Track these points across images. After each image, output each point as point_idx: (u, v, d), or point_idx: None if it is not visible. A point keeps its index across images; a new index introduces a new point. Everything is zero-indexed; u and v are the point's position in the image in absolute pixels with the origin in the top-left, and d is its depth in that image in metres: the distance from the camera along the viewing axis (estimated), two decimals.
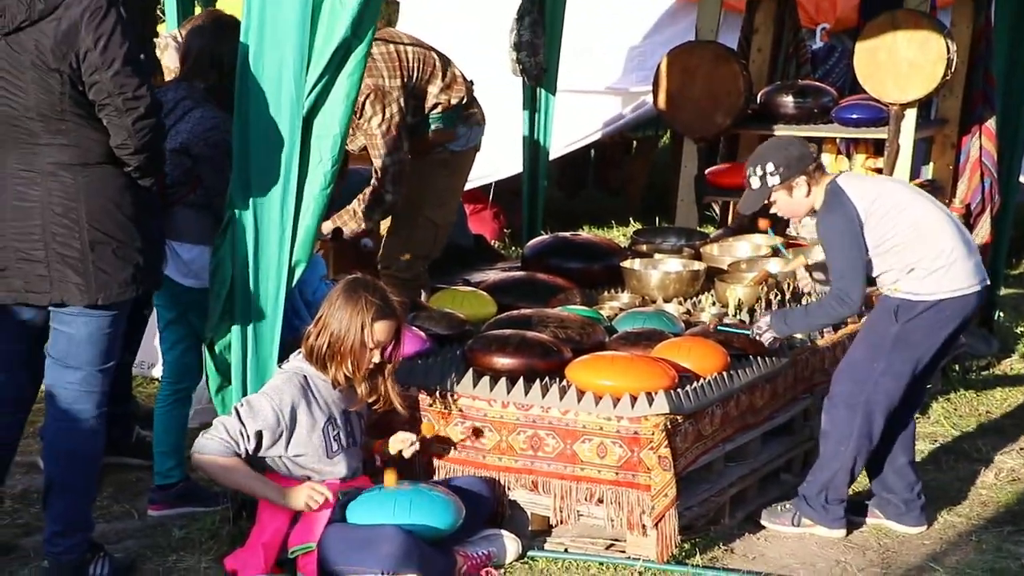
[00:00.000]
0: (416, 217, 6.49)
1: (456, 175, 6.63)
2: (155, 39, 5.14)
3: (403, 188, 6.20)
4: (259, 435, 4.51)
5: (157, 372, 5.60)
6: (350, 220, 6.19)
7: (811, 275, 5.67)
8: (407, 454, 4.83)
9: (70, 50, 4.09)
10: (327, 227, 6.05)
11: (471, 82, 6.50)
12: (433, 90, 6.27)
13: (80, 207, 4.23)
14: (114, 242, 4.27)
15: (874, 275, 5.00)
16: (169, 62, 5.76)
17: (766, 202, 5.11)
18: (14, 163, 4.22)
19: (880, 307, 5.05)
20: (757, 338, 5.25)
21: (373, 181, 6.16)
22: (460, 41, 8.22)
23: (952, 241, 4.92)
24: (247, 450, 4.50)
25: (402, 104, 6.11)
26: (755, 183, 5.06)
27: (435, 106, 6.30)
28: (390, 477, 4.65)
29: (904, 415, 5.12)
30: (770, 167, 5.00)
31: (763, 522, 5.16)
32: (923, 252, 4.89)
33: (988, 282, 5.04)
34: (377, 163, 6.13)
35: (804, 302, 5.95)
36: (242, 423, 4.50)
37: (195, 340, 5.20)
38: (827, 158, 7.81)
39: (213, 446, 4.49)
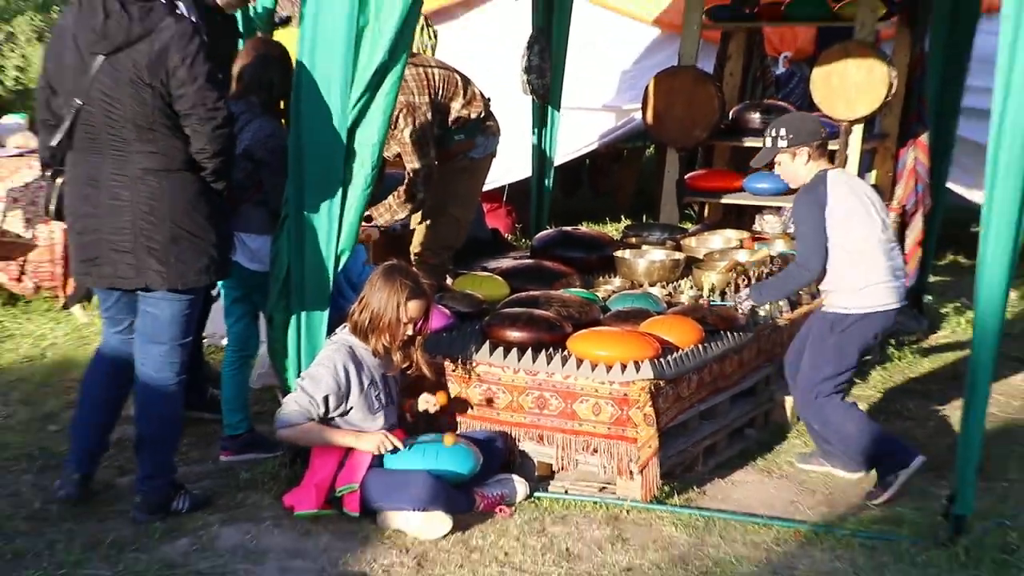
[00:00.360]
0: (442, 215, 6.50)
1: (476, 178, 6.62)
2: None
3: (431, 188, 6.20)
4: (326, 400, 4.52)
5: (224, 342, 5.60)
6: (385, 212, 6.20)
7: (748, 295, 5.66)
8: (431, 411, 4.85)
9: (162, 67, 4.11)
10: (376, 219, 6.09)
11: (488, 99, 6.49)
12: (456, 106, 6.26)
13: (164, 207, 4.26)
14: (193, 237, 4.30)
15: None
16: None
17: (770, 163, 5.14)
18: (110, 168, 4.25)
19: (818, 322, 5.09)
20: (739, 308, 5.28)
21: (406, 181, 6.17)
22: (480, 64, 8.22)
23: (884, 265, 4.96)
24: (319, 415, 4.53)
25: (429, 117, 6.11)
26: (768, 142, 5.10)
27: (457, 119, 6.29)
28: (449, 438, 4.67)
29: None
30: (783, 131, 5.03)
31: (797, 463, 5.21)
32: (861, 267, 4.93)
33: (907, 302, 5.05)
34: (410, 167, 6.13)
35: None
36: (309, 394, 4.51)
37: (255, 315, 5.23)
38: None
39: (293, 417, 4.51)
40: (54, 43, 4.24)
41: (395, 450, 4.56)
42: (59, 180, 4.33)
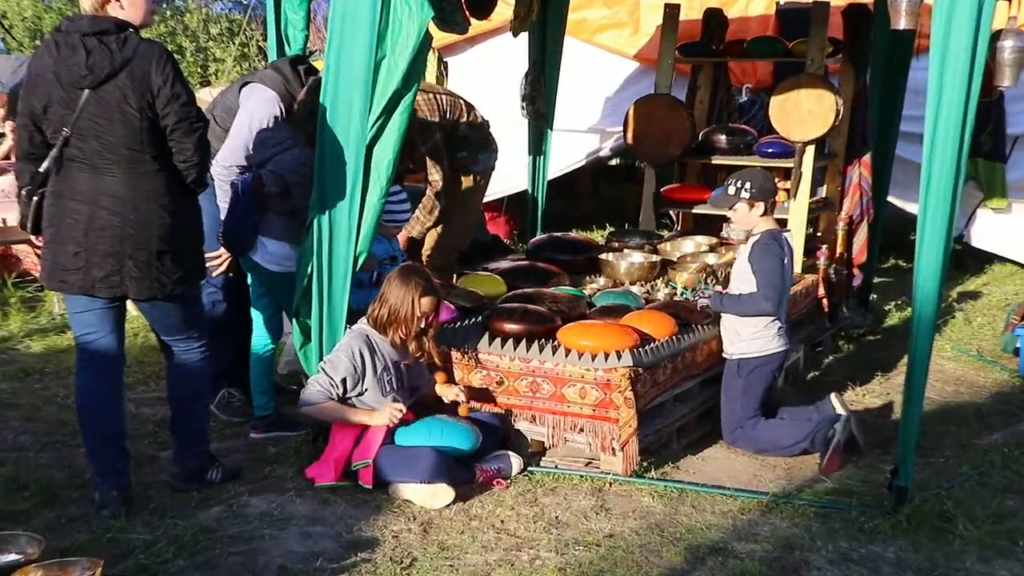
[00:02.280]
0: (450, 221, 6.42)
1: (478, 190, 6.55)
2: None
3: (445, 198, 6.11)
4: (344, 381, 4.45)
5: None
6: (416, 224, 6.14)
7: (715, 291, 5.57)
8: (447, 400, 4.77)
9: (147, 90, 3.93)
10: (403, 238, 6.00)
11: (487, 121, 6.42)
12: (461, 127, 6.19)
13: (152, 227, 4.02)
14: (174, 252, 4.07)
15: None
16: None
17: (728, 208, 5.12)
18: (101, 185, 3.99)
19: (727, 371, 5.12)
20: (698, 304, 5.25)
21: (428, 192, 6.07)
22: (483, 91, 8.14)
23: (785, 313, 5.07)
24: (338, 395, 4.45)
25: (439, 137, 6.04)
26: (731, 190, 5.08)
27: (463, 139, 6.22)
28: (463, 410, 4.65)
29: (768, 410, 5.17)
30: (748, 185, 5.02)
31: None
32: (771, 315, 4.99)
33: (790, 346, 5.18)
34: (431, 178, 6.06)
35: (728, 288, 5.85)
36: (329, 376, 4.44)
37: (278, 308, 5.14)
38: None
39: (315, 396, 4.44)
40: (36, 84, 3.98)
41: (404, 422, 4.48)
42: (35, 199, 4.05)
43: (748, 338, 5.05)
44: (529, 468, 4.74)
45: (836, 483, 4.70)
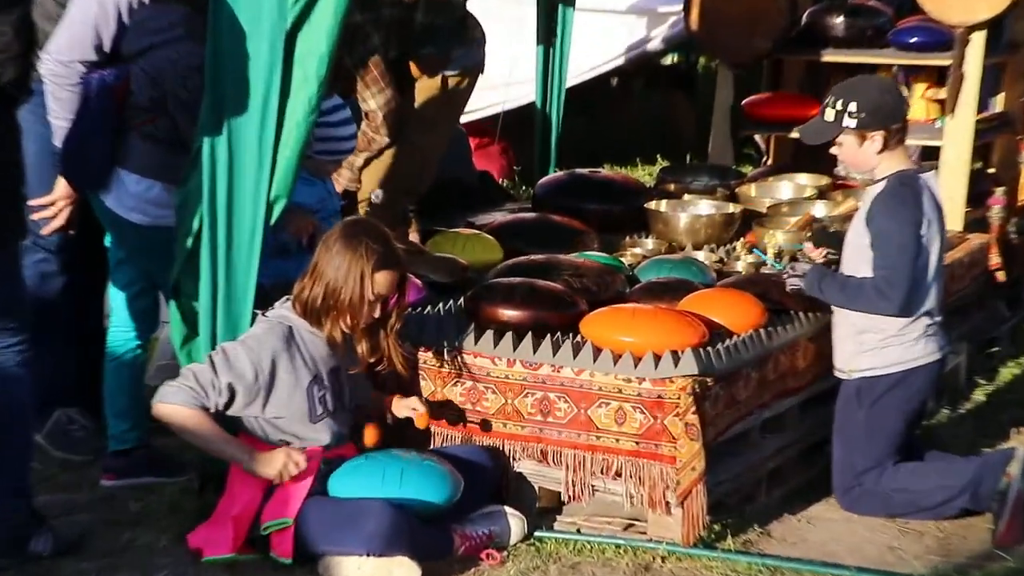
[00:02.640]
0: (400, 144, 6.43)
1: (451, 101, 6.61)
2: None
3: (394, 131, 6.19)
4: (231, 389, 4.46)
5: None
6: (345, 170, 6.24)
7: (825, 248, 5.55)
8: (419, 424, 4.79)
9: None
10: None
11: None
12: (418, 10, 6.22)
13: None
14: None
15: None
16: None
17: (828, 141, 5.13)
18: None
19: (842, 397, 5.15)
20: (784, 278, 5.26)
21: (363, 127, 6.19)
22: None
23: (938, 300, 5.06)
24: (217, 404, 4.45)
25: (378, 40, 6.07)
26: (829, 115, 5.08)
27: (425, 29, 6.23)
28: (370, 434, 4.66)
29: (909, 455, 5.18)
30: (853, 106, 5.00)
31: None
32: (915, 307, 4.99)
33: (947, 349, 5.19)
34: (363, 107, 6.16)
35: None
36: (215, 373, 4.46)
37: (149, 284, 5.18)
38: None
39: (178, 395, 4.44)
40: None
41: (340, 460, 4.53)
42: None
43: (875, 346, 5.05)
44: (537, 533, 4.74)
45: (1021, 561, 4.71)
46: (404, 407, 4.81)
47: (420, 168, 6.60)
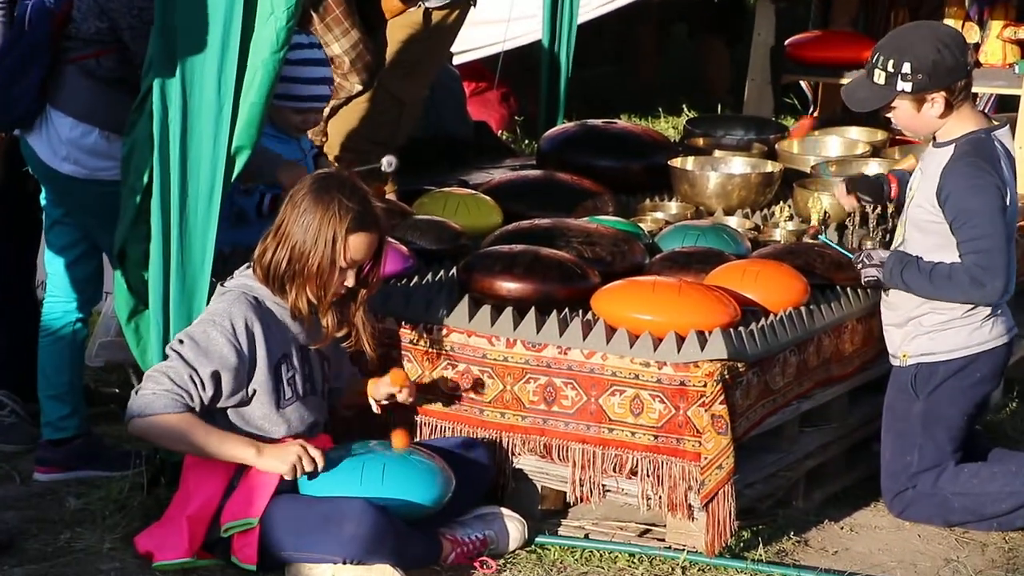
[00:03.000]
0: (373, 90, 6.46)
1: (434, 40, 6.59)
2: None
3: (368, 77, 6.22)
4: (216, 378, 4.49)
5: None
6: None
7: (857, 194, 5.59)
8: (401, 399, 4.81)
9: None
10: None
11: None
12: None
13: None
14: None
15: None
16: None
17: (879, 107, 5.14)
18: None
19: (893, 385, 5.20)
20: (857, 267, 5.24)
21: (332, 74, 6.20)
22: None
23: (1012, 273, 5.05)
24: (202, 400, 4.49)
25: None
26: (879, 77, 5.05)
27: None
28: (399, 439, 4.66)
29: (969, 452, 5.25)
30: (907, 66, 4.98)
31: None
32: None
33: (1015, 333, 5.21)
34: (327, 53, 6.15)
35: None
36: (190, 366, 4.47)
37: (92, 246, 5.23)
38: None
39: (158, 403, 4.45)
40: None
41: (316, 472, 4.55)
42: None
43: (934, 328, 5.10)
44: (539, 539, 4.80)
45: None
46: (383, 385, 4.81)
47: (397, 118, 6.58)
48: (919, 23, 5.37)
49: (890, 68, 5.00)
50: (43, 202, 5.31)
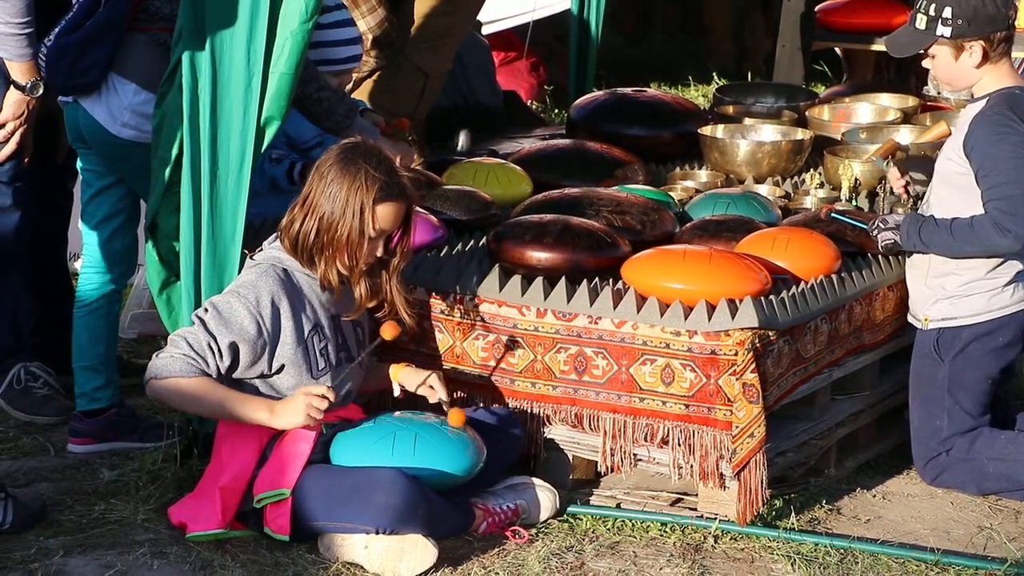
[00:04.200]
0: (396, 63, 6.45)
1: (459, 13, 6.58)
2: None
3: (386, 53, 6.26)
4: (234, 348, 4.51)
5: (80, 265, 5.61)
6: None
7: (910, 176, 5.57)
8: (431, 398, 4.82)
9: None
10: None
11: None
12: None
13: None
14: None
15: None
16: None
17: (922, 51, 5.14)
18: None
19: (918, 350, 5.21)
20: (873, 234, 5.25)
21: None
22: None
23: None
24: (218, 368, 4.51)
25: None
26: (920, 22, 5.09)
27: None
28: (456, 416, 4.65)
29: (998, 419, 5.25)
30: (948, 11, 5.00)
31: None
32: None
33: None
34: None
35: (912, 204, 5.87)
36: (210, 333, 4.49)
37: (129, 218, 5.26)
38: None
39: (174, 366, 4.48)
40: None
41: (348, 423, 4.57)
42: None
43: (957, 291, 5.10)
44: (570, 508, 4.82)
45: None
46: (417, 382, 4.81)
47: (422, 90, 6.56)
48: None
49: (931, 12, 5.04)
50: (81, 174, 5.31)
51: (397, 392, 4.87)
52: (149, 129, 4.93)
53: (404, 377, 4.85)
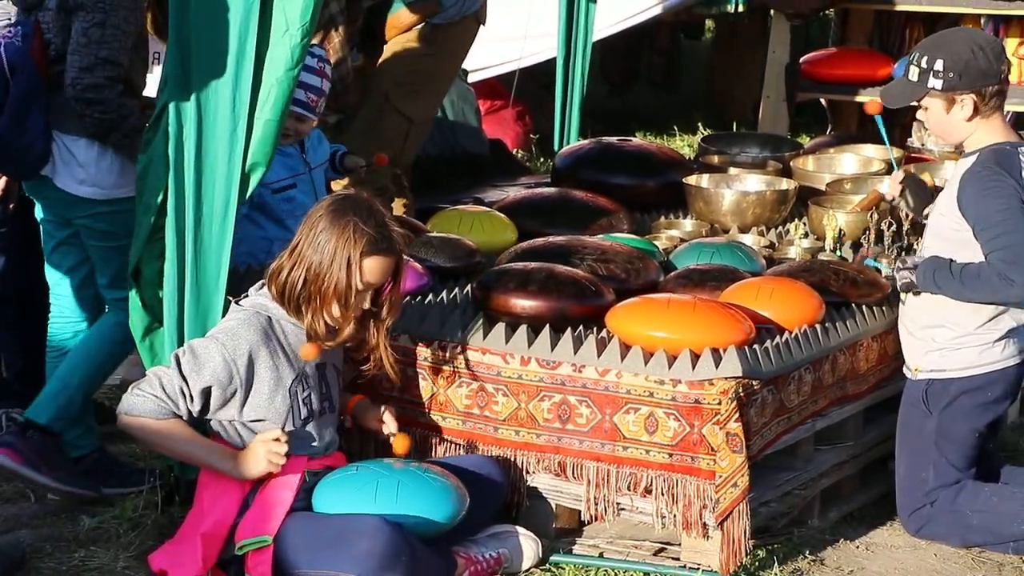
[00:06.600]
0: (380, 105, 6.44)
1: (442, 57, 6.58)
2: None
3: (353, 98, 6.26)
4: (206, 393, 4.51)
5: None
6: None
7: (908, 199, 5.58)
8: (384, 431, 4.83)
9: None
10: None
11: None
12: None
13: None
14: None
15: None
16: None
17: (915, 104, 5.16)
18: None
19: (906, 400, 5.20)
20: (893, 273, 5.27)
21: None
22: None
23: None
24: (189, 411, 4.51)
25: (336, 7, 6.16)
26: (913, 74, 5.11)
27: None
28: (401, 442, 4.69)
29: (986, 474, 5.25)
30: (940, 64, 5.02)
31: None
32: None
33: None
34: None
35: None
36: (183, 378, 4.50)
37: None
38: None
39: (146, 406, 4.49)
40: None
41: (317, 471, 4.57)
42: None
43: (948, 344, 5.10)
44: (553, 557, 4.81)
45: None
46: (373, 419, 4.85)
47: (405, 135, 6.56)
48: (962, 27, 5.37)
49: (923, 64, 5.06)
50: (41, 225, 5.31)
51: (347, 423, 4.90)
52: (108, 185, 4.97)
53: (359, 410, 4.88)
